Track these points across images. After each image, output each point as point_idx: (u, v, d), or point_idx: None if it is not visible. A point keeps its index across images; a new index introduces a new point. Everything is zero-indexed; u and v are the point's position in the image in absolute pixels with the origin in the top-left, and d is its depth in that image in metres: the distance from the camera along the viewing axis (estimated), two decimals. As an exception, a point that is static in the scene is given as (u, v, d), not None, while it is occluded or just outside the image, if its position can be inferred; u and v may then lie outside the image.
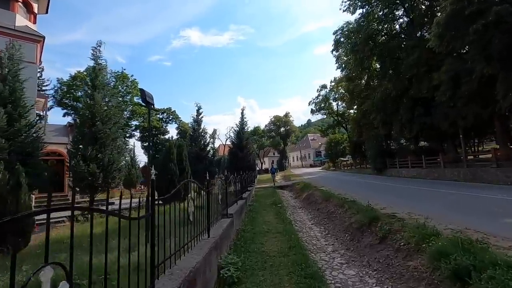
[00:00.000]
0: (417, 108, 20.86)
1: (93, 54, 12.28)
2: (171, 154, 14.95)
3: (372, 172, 29.16)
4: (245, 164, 22.47)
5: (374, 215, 6.00)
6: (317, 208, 10.63)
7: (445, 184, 14.43)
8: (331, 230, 7.56)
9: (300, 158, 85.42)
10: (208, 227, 4.95)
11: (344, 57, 27.27)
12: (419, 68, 19.08)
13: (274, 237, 6.29)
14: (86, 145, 10.94)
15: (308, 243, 6.54)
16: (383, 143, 27.98)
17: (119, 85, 52.73)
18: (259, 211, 10.14)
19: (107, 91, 12.44)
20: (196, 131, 20.72)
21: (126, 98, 54.36)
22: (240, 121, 23.60)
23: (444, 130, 19.27)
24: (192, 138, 20.65)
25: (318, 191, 13.04)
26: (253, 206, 11.25)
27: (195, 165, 19.73)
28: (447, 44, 13.59)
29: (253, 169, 25.20)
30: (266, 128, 77.10)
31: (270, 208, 11.07)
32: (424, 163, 20.98)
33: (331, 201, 9.90)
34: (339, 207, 8.57)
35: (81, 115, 11.80)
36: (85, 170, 10.29)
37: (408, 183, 16.45)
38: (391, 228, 5.11)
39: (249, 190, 14.94)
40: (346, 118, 46.94)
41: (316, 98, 47.72)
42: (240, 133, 23.12)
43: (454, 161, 19.39)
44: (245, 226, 7.43)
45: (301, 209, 12.02)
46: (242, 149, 22.50)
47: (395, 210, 6.89)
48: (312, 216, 9.82)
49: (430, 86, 18.53)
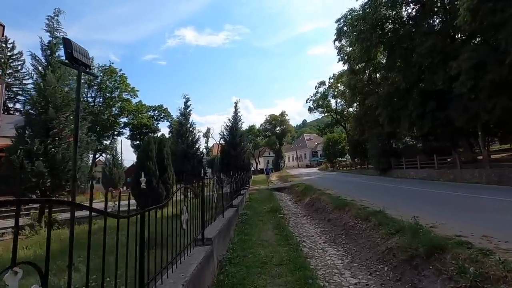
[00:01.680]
0: (429, 102, 18.86)
1: (49, 25, 9.84)
2: (149, 151, 12.57)
3: (375, 173, 27.20)
4: (239, 164, 20.18)
5: (435, 242, 3.79)
6: (327, 218, 8.42)
7: (473, 188, 12.40)
8: (356, 254, 5.34)
9: (296, 158, 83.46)
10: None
11: (347, 48, 25.21)
12: (433, 57, 17.06)
13: (276, 274, 4.05)
14: (33, 137, 8.51)
15: (328, 280, 4.31)
16: (388, 141, 25.98)
17: (107, 80, 49.84)
18: (253, 222, 7.89)
19: (64, 72, 9.96)
20: (183, 126, 18.34)
21: (114, 94, 51.51)
22: (234, 116, 21.23)
23: (459, 126, 17.32)
24: (179, 133, 18.26)
25: (325, 196, 10.83)
26: (246, 215, 8.97)
27: (182, 164, 17.38)
28: (480, 19, 11.51)
29: (247, 169, 22.93)
30: (262, 127, 74.95)
31: (267, 217, 8.83)
32: (436, 163, 19.01)
33: (347, 210, 7.71)
34: (362, 221, 6.38)
35: (29, 100, 9.34)
36: (28, 169, 7.87)
37: (424, 186, 14.40)
38: (484, 273, 2.92)
39: (242, 194, 12.66)
40: (345, 116, 45.04)
41: (314, 96, 45.72)
42: (233, 130, 20.74)
43: (471, 161, 17.44)
44: (233, 252, 5.16)
45: (306, 218, 9.81)
46: (236, 147, 20.16)
47: (455, 232, 4.72)
48: (323, 230, 7.60)
49: (446, 77, 16.55)
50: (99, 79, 47.84)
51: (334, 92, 43.14)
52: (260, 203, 12.41)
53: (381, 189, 14.01)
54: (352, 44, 21.86)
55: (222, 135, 21.02)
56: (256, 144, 74.79)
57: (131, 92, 51.28)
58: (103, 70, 48.23)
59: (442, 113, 17.61)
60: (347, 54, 24.93)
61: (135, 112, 56.11)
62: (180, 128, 18.42)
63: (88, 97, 48.49)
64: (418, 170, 20.86)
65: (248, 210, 10.03)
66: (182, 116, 18.65)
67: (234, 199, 10.48)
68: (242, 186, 16.28)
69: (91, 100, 48.43)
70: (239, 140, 20.48)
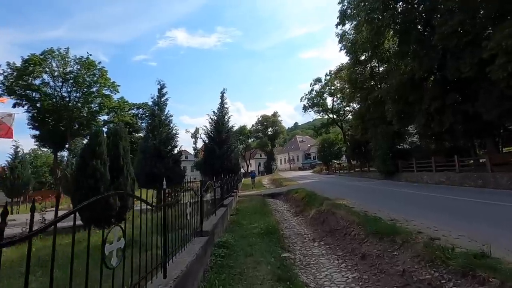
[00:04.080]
0: (450, 94, 16.07)
1: None
2: (97, 146, 9.07)
3: (378, 176, 24.33)
4: (226, 165, 16.78)
5: None
6: (359, 252, 5.17)
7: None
8: None
9: (288, 160, 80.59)
10: None
11: (350, 36, 22.29)
12: (459, 37, 14.25)
13: None
14: None
15: None
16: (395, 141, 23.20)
17: (84, 74, 45.49)
18: (236, 264, 4.56)
19: None
20: (156, 117, 14.83)
21: (92, 89, 47.16)
22: (219, 107, 17.72)
23: (488, 121, 14.56)
24: (150, 127, 14.75)
25: (342, 210, 7.58)
26: (225, 247, 5.41)
27: (152, 165, 13.89)
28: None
29: (236, 172, 19.47)
30: (253, 128, 71.76)
31: (260, 247, 5.53)
32: (458, 166, 16.16)
33: (400, 243, 4.47)
34: (451, 275, 3.16)
35: None
36: None
37: (459, 194, 11.41)
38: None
39: (226, 204, 9.25)
40: (341, 115, 42.37)
41: (309, 94, 42.86)
42: (219, 124, 17.22)
43: (502, 163, 14.65)
44: None
45: (318, 244, 6.54)
46: (221, 145, 16.67)
47: None
48: (358, 278, 4.34)
49: (474, 62, 13.76)
50: (75, 72, 43.46)
51: (331, 89, 40.39)
52: (249, 218, 9.06)
53: (411, 198, 10.84)
54: (358, 27, 18.93)
55: (205, 131, 17.40)
56: (247, 146, 71.55)
57: (111, 87, 46.94)
58: (80, 62, 43.84)
59: (469, 105, 14.81)
60: (350, 42, 21.99)
61: (116, 109, 51.81)
62: (152, 121, 14.92)
63: (63, 91, 43.98)
64: (433, 173, 18.03)
65: (231, 234, 6.65)
66: (155, 106, 15.13)
67: (212, 215, 7.11)
68: (229, 192, 12.91)
69: (66, 95, 43.93)
70: (226, 136, 17.00)
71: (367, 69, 26.11)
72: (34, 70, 39.32)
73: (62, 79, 43.76)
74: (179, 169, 15.44)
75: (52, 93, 44.08)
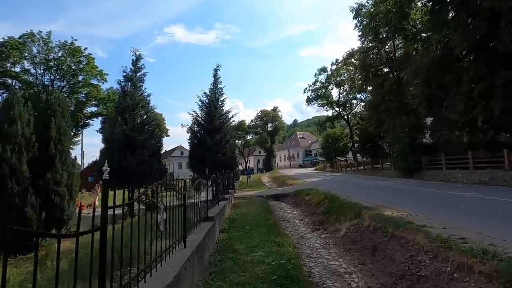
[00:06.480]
0: (500, 72, 12.81)
1: None
2: (8, 124, 5.71)
3: (396, 174, 21.18)
4: (218, 159, 13.45)
5: None
6: None
7: None
8: None
9: (288, 157, 77.42)
10: None
11: (368, 8, 18.97)
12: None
13: None
14: None
15: None
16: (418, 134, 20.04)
17: (70, 61, 41.78)
18: None
19: None
20: (127, 95, 11.44)
21: (79, 78, 43.46)
22: (212, 88, 14.15)
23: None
24: (120, 108, 11.36)
25: (414, 235, 4.31)
26: None
27: (120, 158, 10.53)
28: None
29: (232, 167, 16.08)
30: (252, 123, 68.32)
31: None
32: (508, 162, 13.00)
33: None
34: None
35: None
36: None
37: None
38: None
39: (214, 219, 5.93)
40: (348, 109, 39.16)
41: (313, 85, 39.51)
42: (211, 107, 13.69)
43: None
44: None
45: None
46: (213, 134, 13.19)
47: None
48: None
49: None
50: (58, 58, 39.72)
51: (337, 80, 37.09)
52: (249, 238, 5.77)
53: (496, 208, 7.50)
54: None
55: (193, 116, 13.73)
56: (246, 142, 68.20)
57: (98, 76, 43.17)
58: (64, 48, 40.08)
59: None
60: (368, 16, 18.64)
61: (106, 100, 48.02)
62: (122, 101, 11.55)
63: (45, 80, 40.24)
64: (470, 171, 14.92)
65: (215, 278, 3.42)
66: (128, 82, 11.71)
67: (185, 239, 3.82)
68: (222, 194, 9.62)
69: (49, 83, 40.20)
70: (219, 123, 13.50)
71: (382, 54, 22.95)
72: (10, 54, 35.52)
73: (45, 66, 39.97)
74: (159, 164, 12.09)
75: (34, 82, 40.29)
